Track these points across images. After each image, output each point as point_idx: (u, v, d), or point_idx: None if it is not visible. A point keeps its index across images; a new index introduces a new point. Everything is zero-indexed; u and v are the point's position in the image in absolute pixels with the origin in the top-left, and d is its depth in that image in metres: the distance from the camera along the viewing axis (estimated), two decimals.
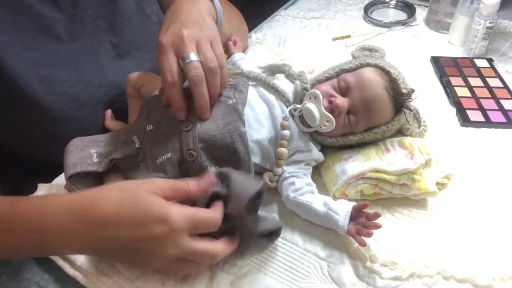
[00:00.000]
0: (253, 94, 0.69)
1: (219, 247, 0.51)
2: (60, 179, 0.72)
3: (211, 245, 0.50)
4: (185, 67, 0.57)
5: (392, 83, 0.66)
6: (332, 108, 0.64)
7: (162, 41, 0.58)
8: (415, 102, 0.71)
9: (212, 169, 0.58)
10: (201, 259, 0.50)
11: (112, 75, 0.75)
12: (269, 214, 0.63)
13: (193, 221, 0.48)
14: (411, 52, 1.00)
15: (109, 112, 0.75)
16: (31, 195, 0.68)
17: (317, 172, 0.70)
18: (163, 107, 0.63)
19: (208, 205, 0.51)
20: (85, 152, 0.61)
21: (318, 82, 0.70)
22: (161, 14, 0.86)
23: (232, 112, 0.61)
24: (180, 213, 0.47)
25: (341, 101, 0.65)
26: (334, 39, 1.06)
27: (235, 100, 0.63)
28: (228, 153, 0.59)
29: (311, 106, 0.64)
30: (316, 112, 0.64)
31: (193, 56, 0.57)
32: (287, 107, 0.68)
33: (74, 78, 0.70)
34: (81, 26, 0.71)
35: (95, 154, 0.61)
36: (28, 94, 0.65)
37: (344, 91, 0.67)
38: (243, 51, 0.91)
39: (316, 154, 0.67)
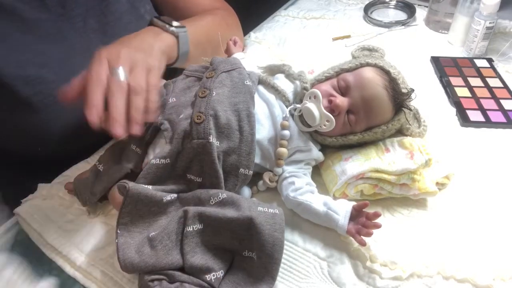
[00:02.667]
0: None
1: None
2: (60, 179, 0.72)
3: None
4: (110, 80, 0.56)
5: (392, 82, 0.67)
6: (332, 108, 0.65)
7: (100, 52, 0.59)
8: (415, 102, 0.71)
9: (214, 140, 0.59)
10: None
11: None
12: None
13: None
14: (411, 52, 1.00)
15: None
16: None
17: (317, 172, 0.70)
18: (186, 84, 0.68)
19: None
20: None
21: (318, 82, 0.70)
22: (154, 14, 0.85)
23: (246, 93, 0.65)
24: None
25: (341, 101, 0.65)
26: (334, 39, 1.06)
27: (250, 84, 0.67)
28: (232, 129, 0.61)
29: (311, 105, 0.64)
30: (316, 111, 0.64)
31: (121, 72, 0.56)
32: (287, 106, 0.68)
33: (62, 79, 0.69)
34: (70, 26, 0.71)
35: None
36: (15, 94, 0.65)
37: (344, 91, 0.67)
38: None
39: (316, 153, 0.67)
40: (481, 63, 0.96)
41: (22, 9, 0.65)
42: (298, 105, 0.66)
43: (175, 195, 0.60)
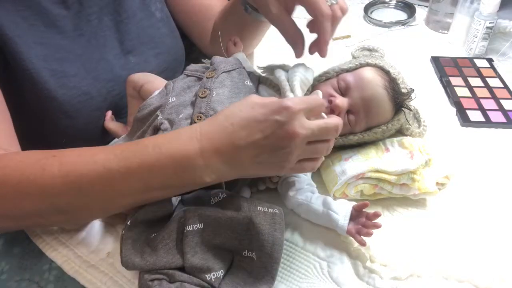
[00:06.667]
0: (253, 94, 0.69)
1: (336, 119, 0.53)
2: None
3: (328, 119, 0.52)
4: (332, 6, 0.64)
5: (392, 82, 0.67)
6: (332, 108, 0.65)
7: None
8: (415, 102, 0.71)
9: None
10: (327, 134, 0.52)
11: (119, 70, 0.76)
12: None
13: (306, 103, 0.50)
14: (411, 52, 1.00)
15: (109, 113, 0.75)
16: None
17: (317, 172, 0.69)
18: (186, 84, 0.68)
19: None
20: None
21: (318, 82, 0.70)
22: (165, 11, 0.86)
23: (247, 93, 0.65)
24: (293, 100, 0.50)
25: (341, 101, 0.65)
26: (334, 39, 1.06)
27: (251, 84, 0.67)
28: None
29: None
30: None
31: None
32: None
33: (83, 73, 0.71)
34: (86, 23, 0.72)
35: None
36: (41, 87, 0.66)
37: (343, 91, 0.67)
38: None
39: None
40: (481, 63, 0.96)
41: (46, 4, 0.67)
42: None
43: (179, 197, 0.60)
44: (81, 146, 0.74)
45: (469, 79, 0.91)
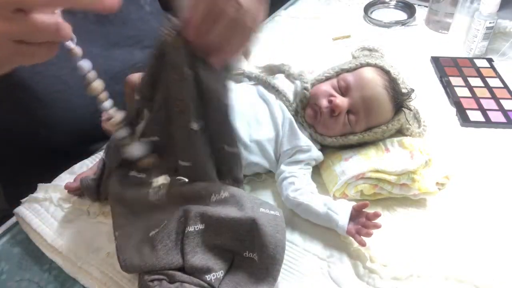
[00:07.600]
0: (253, 94, 0.69)
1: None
2: (60, 179, 0.72)
3: None
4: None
5: (392, 82, 0.67)
6: (332, 108, 0.65)
7: None
8: (415, 102, 0.71)
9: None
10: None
11: (102, 61, 0.74)
12: None
13: None
14: (411, 52, 1.00)
15: (105, 115, 0.75)
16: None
17: (317, 172, 0.70)
18: None
19: None
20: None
21: (318, 82, 0.70)
22: (156, 5, 0.86)
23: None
24: None
25: (341, 101, 0.65)
26: (334, 39, 1.06)
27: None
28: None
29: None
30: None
31: None
32: (287, 106, 0.68)
33: (62, 62, 0.70)
34: (71, 18, 0.71)
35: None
36: (14, 74, 0.65)
37: (344, 91, 0.67)
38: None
39: (316, 153, 0.67)
40: (481, 63, 0.96)
41: None
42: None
43: (164, 181, 0.58)
44: (62, 137, 0.73)
45: (469, 79, 0.91)
